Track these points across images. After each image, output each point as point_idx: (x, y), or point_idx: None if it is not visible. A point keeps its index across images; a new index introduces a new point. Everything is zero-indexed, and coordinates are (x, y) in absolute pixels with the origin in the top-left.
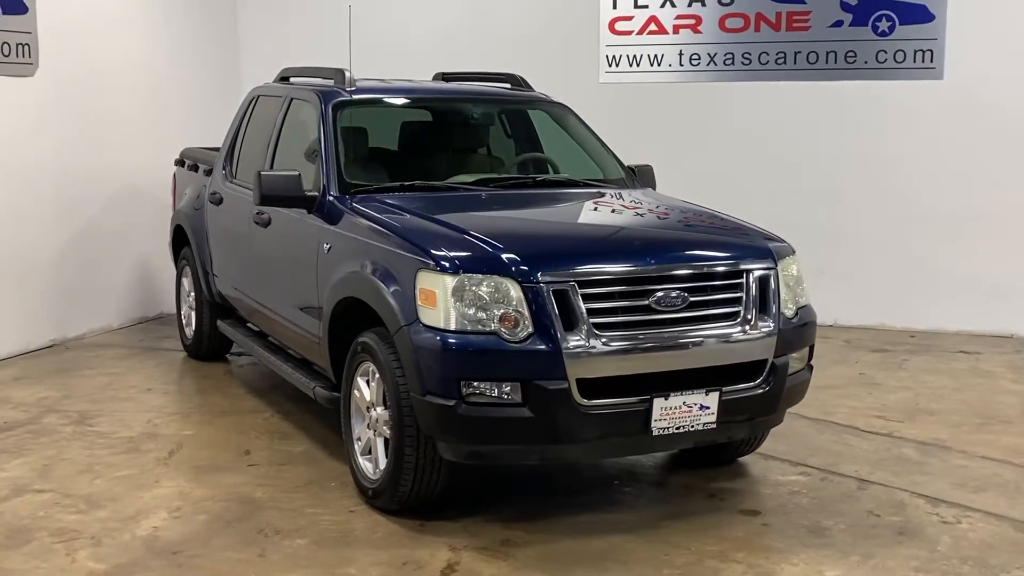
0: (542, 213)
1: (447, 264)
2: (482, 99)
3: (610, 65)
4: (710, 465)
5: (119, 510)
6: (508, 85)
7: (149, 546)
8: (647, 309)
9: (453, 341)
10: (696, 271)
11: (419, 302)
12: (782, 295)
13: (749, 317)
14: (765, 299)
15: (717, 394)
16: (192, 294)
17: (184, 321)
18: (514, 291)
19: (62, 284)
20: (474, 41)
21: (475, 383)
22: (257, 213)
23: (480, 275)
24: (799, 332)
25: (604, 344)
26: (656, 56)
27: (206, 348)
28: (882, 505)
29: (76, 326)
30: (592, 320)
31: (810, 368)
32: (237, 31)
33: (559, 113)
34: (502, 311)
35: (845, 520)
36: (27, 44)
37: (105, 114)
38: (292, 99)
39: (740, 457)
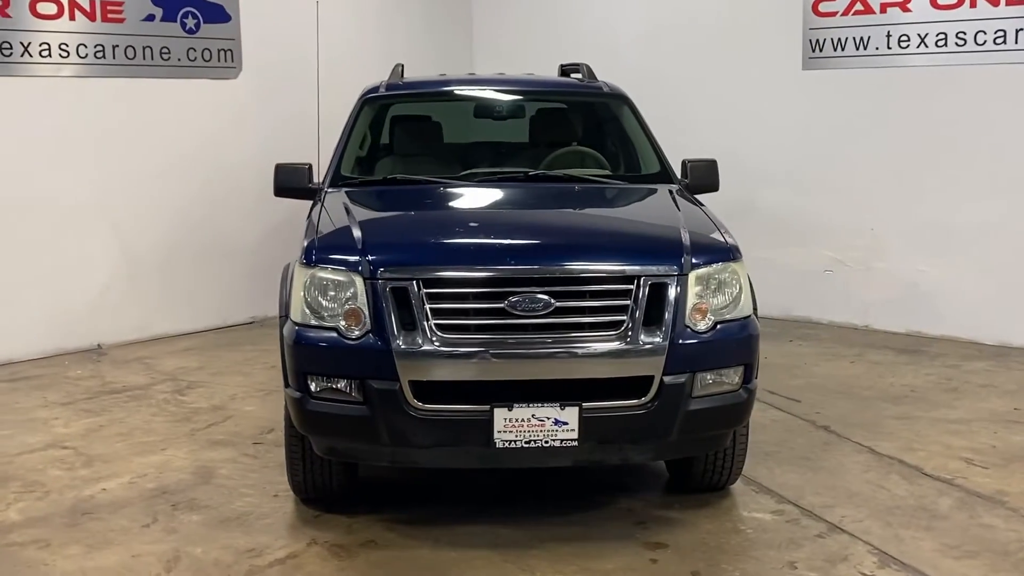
0: (471, 210)
1: (306, 257)
2: (524, 93)
3: (813, 50)
4: (689, 491)
5: (100, 471)
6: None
7: (75, 506)
8: (502, 313)
9: (299, 334)
10: (566, 275)
11: (290, 294)
12: (689, 305)
13: (630, 328)
14: (658, 310)
15: (576, 409)
16: None
17: None
18: (358, 287)
19: (264, 267)
20: (672, 31)
21: (320, 378)
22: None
23: (330, 269)
24: (713, 348)
25: (438, 346)
26: (862, 39)
27: None
28: (817, 557)
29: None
30: (436, 321)
31: (747, 390)
32: (472, 28)
33: (614, 104)
34: (348, 307)
35: (752, 569)
36: (230, 50)
37: (311, 113)
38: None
39: (721, 488)
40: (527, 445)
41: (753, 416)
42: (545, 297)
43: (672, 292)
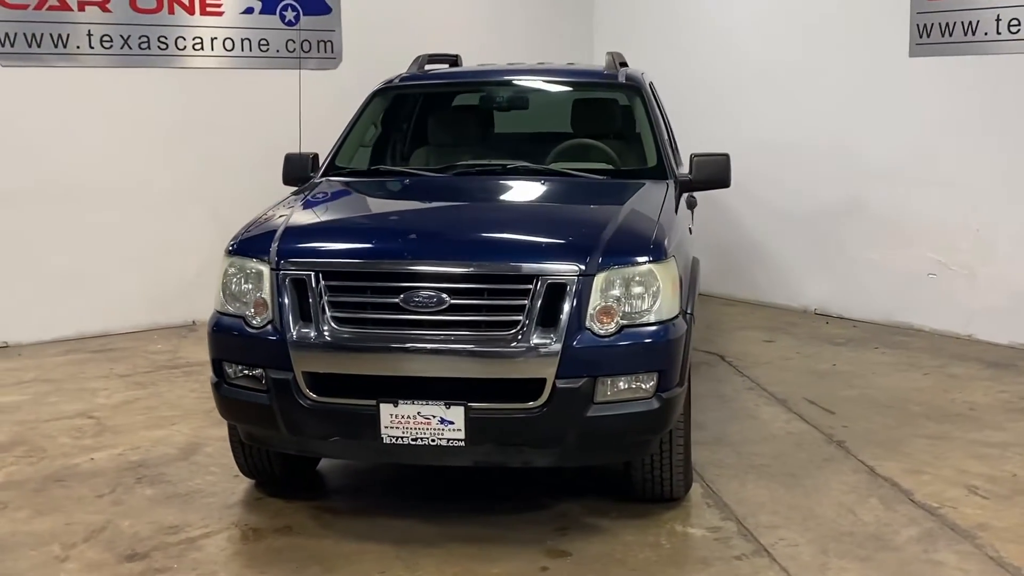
0: (405, 205)
1: (229, 246)
2: (532, 83)
3: (921, 36)
4: (636, 500)
5: (103, 442)
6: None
7: (55, 473)
8: (397, 308)
9: (216, 322)
10: (461, 273)
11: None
12: (593, 307)
13: (523, 329)
14: (556, 311)
15: (462, 409)
16: None
17: None
18: (266, 277)
19: None
20: (781, 17)
21: (235, 365)
22: None
23: (245, 258)
24: (618, 353)
25: (329, 338)
26: (970, 23)
27: None
28: None
29: None
30: (333, 313)
31: (660, 399)
32: (592, 16)
33: (627, 94)
34: (257, 297)
35: None
36: (330, 41)
37: None
38: None
39: (669, 499)
40: (414, 442)
41: (769, 427)
42: (440, 294)
43: (572, 293)
